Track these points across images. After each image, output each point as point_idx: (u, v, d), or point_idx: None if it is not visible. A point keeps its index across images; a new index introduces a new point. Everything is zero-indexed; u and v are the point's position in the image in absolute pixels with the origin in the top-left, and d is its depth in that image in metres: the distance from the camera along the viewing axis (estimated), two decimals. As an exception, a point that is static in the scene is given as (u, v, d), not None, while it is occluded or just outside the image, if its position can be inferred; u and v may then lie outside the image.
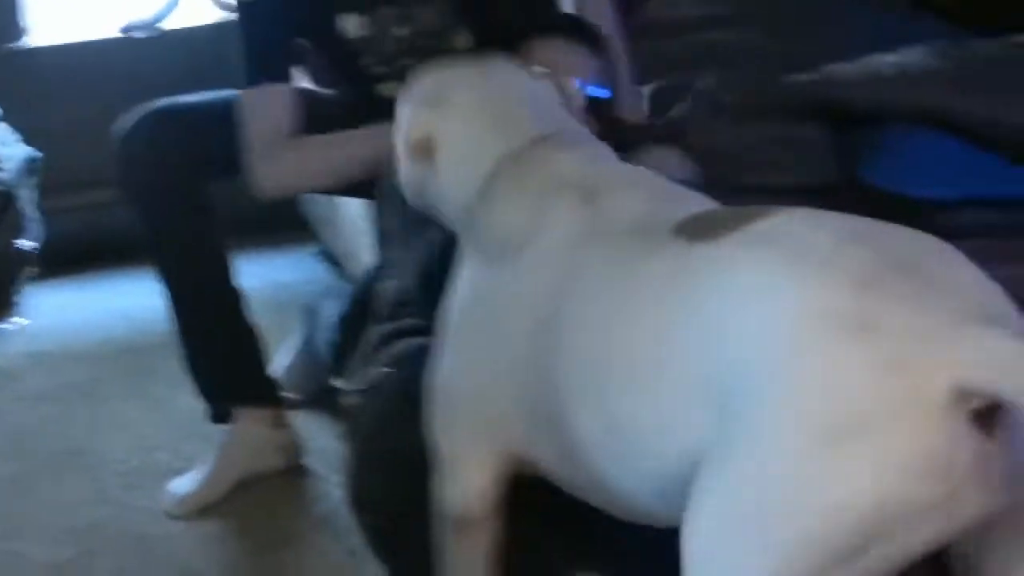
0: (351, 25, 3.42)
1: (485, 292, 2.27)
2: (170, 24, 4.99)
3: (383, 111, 2.72)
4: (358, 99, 3.38)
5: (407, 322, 2.85)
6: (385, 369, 2.76)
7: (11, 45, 4.88)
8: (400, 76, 2.93)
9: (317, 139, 3.18)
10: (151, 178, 3.34)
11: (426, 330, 2.56)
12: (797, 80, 3.45)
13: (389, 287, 2.92)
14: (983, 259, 2.83)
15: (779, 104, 3.45)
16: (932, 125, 3.22)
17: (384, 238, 3.03)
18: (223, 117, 3.29)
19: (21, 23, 4.88)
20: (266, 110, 3.24)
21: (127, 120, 3.36)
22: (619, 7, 3.67)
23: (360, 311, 3.36)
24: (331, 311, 3.74)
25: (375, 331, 2.94)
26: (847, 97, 3.39)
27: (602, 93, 3.13)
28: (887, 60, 3.44)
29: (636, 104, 3.51)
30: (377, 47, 3.47)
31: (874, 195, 3.23)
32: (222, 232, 3.48)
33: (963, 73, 3.33)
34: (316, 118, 3.27)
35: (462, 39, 3.48)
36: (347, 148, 3.19)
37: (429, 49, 3.40)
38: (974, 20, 3.64)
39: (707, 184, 3.15)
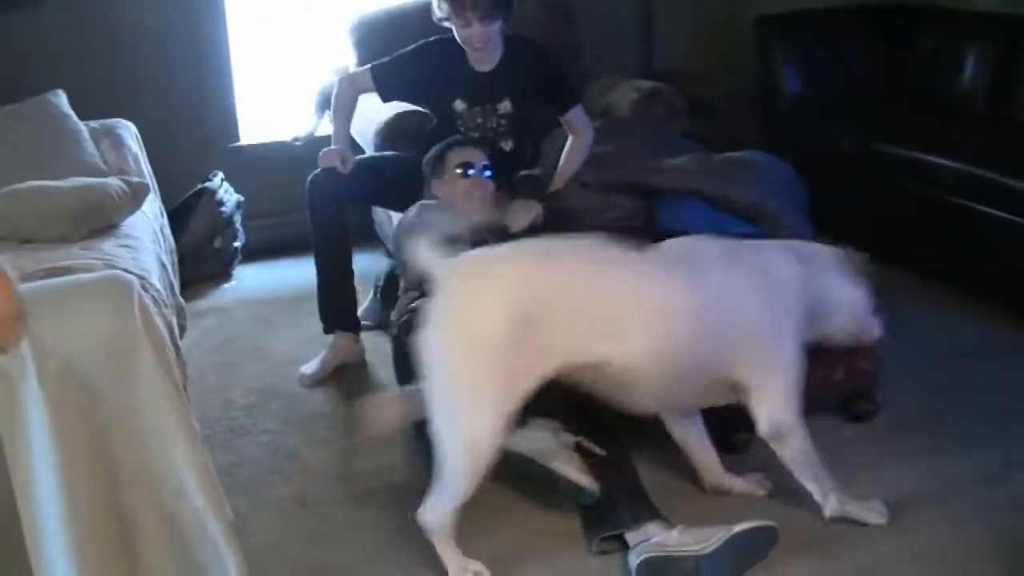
0: (459, 105, 4.28)
1: None
2: (317, 132, 5.40)
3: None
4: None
5: (411, 293, 3.65)
6: (404, 315, 3.59)
7: (232, 144, 5.48)
8: (468, 139, 4.14)
9: None
10: (321, 205, 4.11)
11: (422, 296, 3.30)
12: (625, 170, 4.13)
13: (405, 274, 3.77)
14: None
15: (614, 183, 4.09)
16: (694, 197, 3.90)
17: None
18: (361, 175, 4.12)
19: (237, 131, 5.52)
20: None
21: (312, 179, 4.09)
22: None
23: (391, 282, 4.23)
24: (380, 282, 4.44)
25: (401, 295, 3.78)
26: (652, 181, 4.06)
27: (488, 173, 3.93)
28: (671, 162, 4.10)
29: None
30: (465, 121, 4.27)
31: (661, 232, 3.72)
32: (351, 239, 4.22)
33: (708, 169, 3.97)
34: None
35: (508, 143, 4.35)
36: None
37: (487, 138, 4.28)
38: (713, 145, 4.27)
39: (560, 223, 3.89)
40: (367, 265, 4.10)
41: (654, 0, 5.90)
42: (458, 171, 3.92)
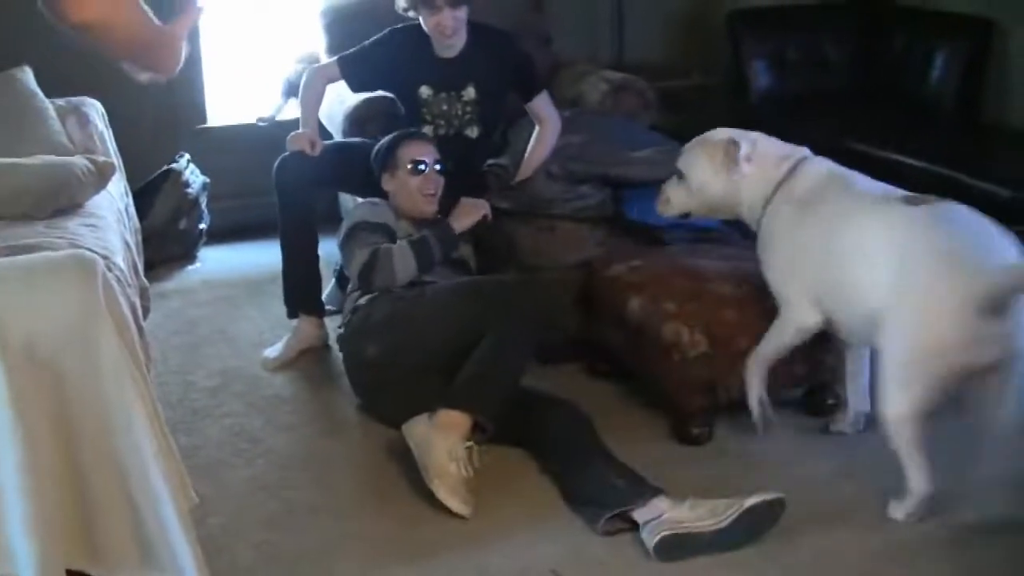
0: (424, 92, 4.30)
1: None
2: (280, 117, 5.47)
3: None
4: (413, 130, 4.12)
5: (355, 294, 3.73)
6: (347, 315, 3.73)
7: (198, 126, 5.53)
8: (432, 126, 4.24)
9: None
10: (288, 189, 4.10)
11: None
12: (593, 162, 4.19)
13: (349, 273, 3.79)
14: (681, 255, 3.78)
15: (582, 174, 4.16)
16: (657, 189, 3.69)
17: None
18: (330, 160, 4.15)
19: (204, 113, 5.56)
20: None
21: (280, 162, 4.09)
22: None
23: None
24: (339, 267, 4.36)
25: (347, 296, 3.85)
26: (619, 172, 4.15)
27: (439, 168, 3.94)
28: (638, 153, 4.19)
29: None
30: (431, 108, 4.32)
31: (628, 223, 4.13)
32: (318, 223, 4.22)
33: (674, 160, 3.69)
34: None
35: (474, 131, 4.37)
36: None
37: (452, 125, 4.32)
38: (682, 138, 3.92)
39: (529, 213, 4.07)
40: (332, 250, 4.07)
41: (627, -10, 5.90)
42: (409, 167, 3.92)
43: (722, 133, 3.47)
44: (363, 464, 3.50)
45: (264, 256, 4.36)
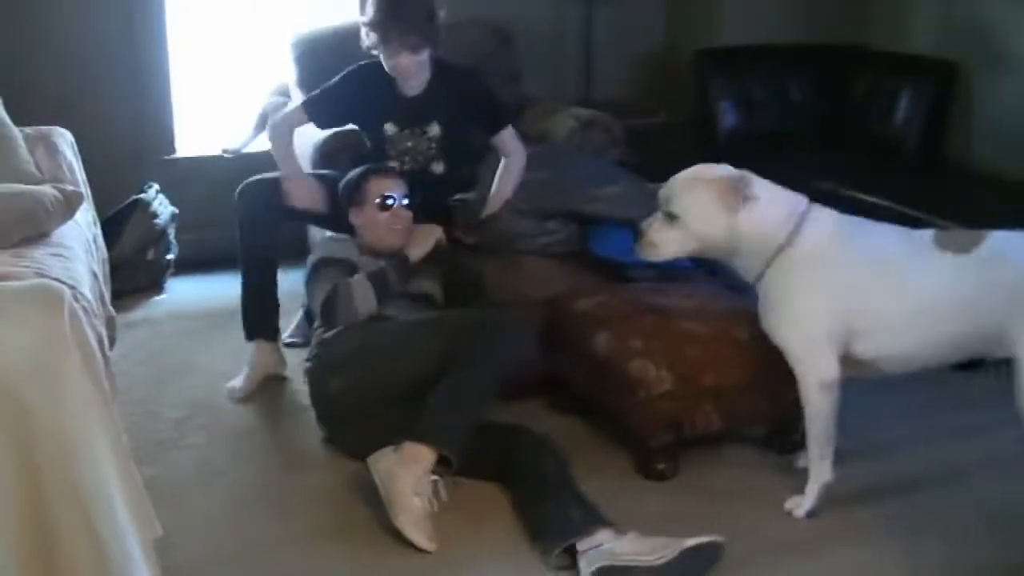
0: (389, 129, 4.29)
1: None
2: (247, 149, 5.51)
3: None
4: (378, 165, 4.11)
5: (320, 330, 3.75)
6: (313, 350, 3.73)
7: (167, 157, 5.52)
8: (398, 162, 4.24)
9: None
10: (248, 216, 4.14)
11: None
12: (560, 197, 4.20)
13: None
14: (647, 292, 3.79)
15: (549, 210, 4.18)
16: (627, 224, 3.74)
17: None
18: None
19: (173, 143, 5.56)
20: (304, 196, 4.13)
21: (242, 188, 4.14)
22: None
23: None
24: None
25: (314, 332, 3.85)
26: (587, 208, 4.16)
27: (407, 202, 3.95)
28: (603, 190, 4.23)
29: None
30: (396, 144, 4.30)
31: (594, 259, 4.13)
32: (279, 250, 4.25)
33: (641, 196, 3.86)
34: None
35: (440, 166, 4.35)
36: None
37: (418, 161, 4.32)
38: (648, 175, 4.08)
39: (496, 248, 4.05)
40: (299, 283, 4.07)
41: (595, 29, 5.94)
42: (377, 202, 3.94)
43: (721, 170, 3.30)
44: (328, 497, 3.48)
45: (231, 287, 4.31)
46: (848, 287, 3.16)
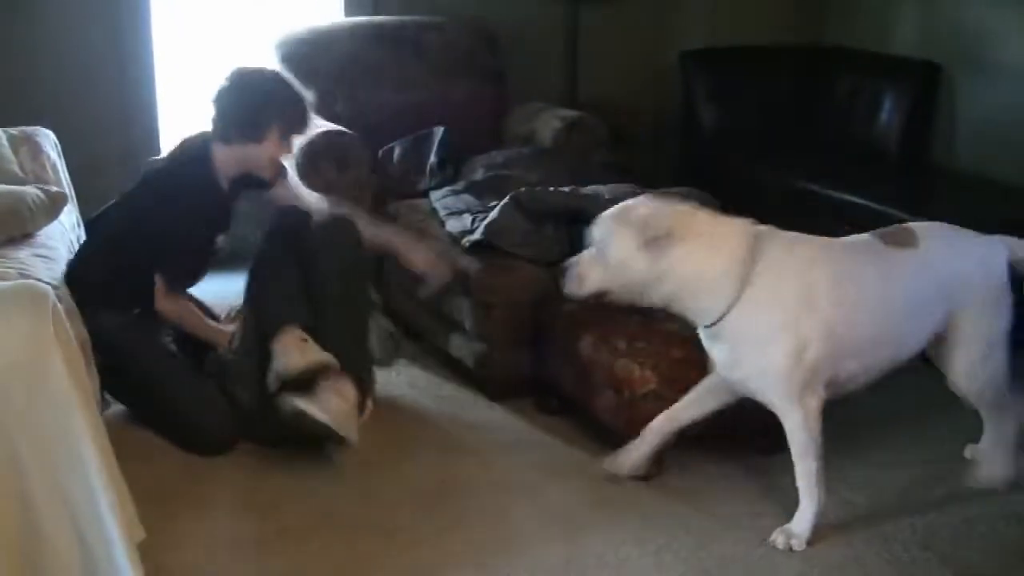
0: (220, 240, 3.94)
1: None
2: None
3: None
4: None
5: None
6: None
7: (152, 158, 4.90)
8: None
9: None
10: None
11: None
12: (562, 194, 4.17)
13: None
14: None
15: (549, 206, 4.13)
16: None
17: None
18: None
19: (158, 144, 5.41)
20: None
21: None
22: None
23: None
24: None
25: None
26: (589, 207, 3.84)
27: None
28: (604, 190, 4.19)
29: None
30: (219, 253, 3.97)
31: None
32: None
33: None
34: None
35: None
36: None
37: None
38: (633, 175, 4.32)
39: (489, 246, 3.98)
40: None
41: (581, 30, 5.96)
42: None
43: (645, 209, 3.08)
44: (315, 493, 3.45)
45: (216, 287, 4.25)
46: (827, 312, 3.04)
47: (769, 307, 3.02)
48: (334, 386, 3.51)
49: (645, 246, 2.99)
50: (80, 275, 3.67)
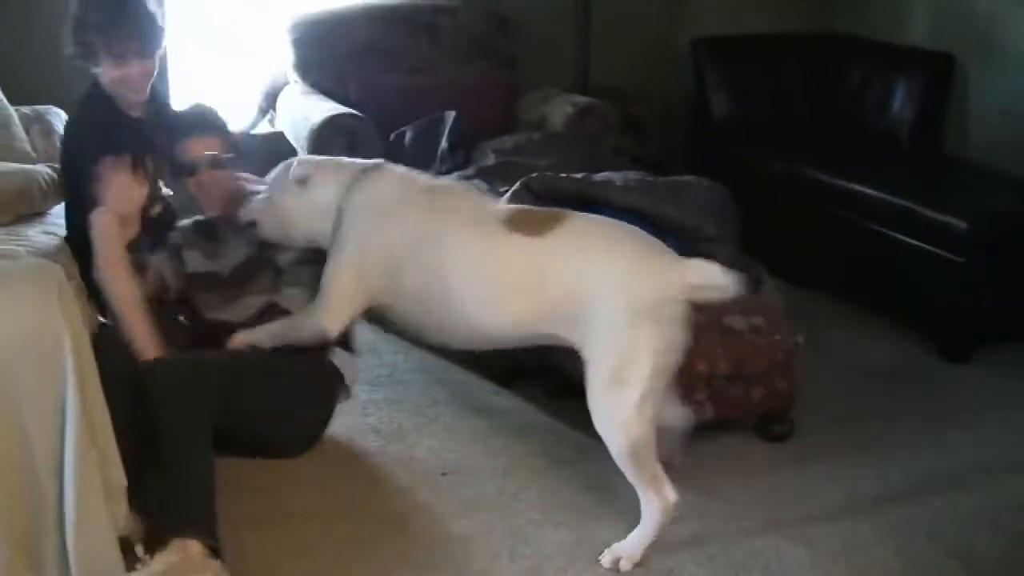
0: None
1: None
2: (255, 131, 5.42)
3: None
4: None
5: None
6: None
7: None
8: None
9: None
10: None
11: None
12: (574, 181, 4.05)
13: None
14: None
15: (562, 191, 3.98)
16: (633, 215, 3.69)
17: None
18: None
19: None
20: None
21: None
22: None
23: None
24: None
25: None
26: (602, 194, 3.96)
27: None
28: (615, 177, 4.07)
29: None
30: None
31: None
32: None
33: (653, 189, 3.93)
34: None
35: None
36: None
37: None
38: (643, 161, 4.36)
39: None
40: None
41: (593, 17, 5.95)
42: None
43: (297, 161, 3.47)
44: (311, 481, 3.43)
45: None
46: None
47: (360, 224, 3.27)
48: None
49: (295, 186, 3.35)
50: (68, 234, 3.61)
